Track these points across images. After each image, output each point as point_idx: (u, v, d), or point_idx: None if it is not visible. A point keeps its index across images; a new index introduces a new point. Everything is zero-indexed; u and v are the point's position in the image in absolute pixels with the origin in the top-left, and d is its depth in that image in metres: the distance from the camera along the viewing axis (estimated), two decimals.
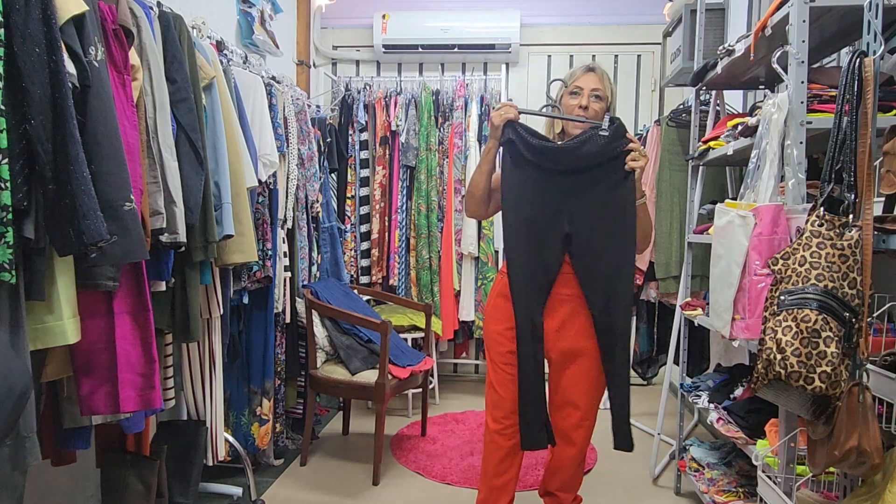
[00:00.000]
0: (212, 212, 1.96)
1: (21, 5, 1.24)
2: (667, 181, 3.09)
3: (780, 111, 1.69)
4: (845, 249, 1.39)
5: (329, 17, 4.37)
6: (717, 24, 2.99)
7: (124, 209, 1.46)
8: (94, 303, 1.56)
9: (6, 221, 1.23)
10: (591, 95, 1.96)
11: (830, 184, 1.45)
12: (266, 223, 2.57)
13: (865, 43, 1.48)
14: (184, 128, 1.83)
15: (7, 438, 1.28)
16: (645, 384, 4.18)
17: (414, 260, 3.99)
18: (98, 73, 1.44)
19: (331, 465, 2.91)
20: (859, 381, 1.37)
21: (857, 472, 1.44)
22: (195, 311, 1.98)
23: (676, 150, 3.09)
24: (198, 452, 2.22)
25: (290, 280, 2.86)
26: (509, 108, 1.91)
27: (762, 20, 1.85)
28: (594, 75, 1.98)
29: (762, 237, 1.66)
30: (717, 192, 2.88)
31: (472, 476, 2.77)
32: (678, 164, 3.05)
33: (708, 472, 2.39)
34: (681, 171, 2.99)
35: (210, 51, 2.16)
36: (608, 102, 1.99)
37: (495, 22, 4.14)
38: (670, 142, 3.10)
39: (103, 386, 1.57)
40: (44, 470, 1.98)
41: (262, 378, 2.70)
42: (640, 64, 4.34)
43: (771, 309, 1.46)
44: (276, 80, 2.78)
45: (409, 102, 3.96)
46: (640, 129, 3.98)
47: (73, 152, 1.31)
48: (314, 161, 3.06)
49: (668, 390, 2.96)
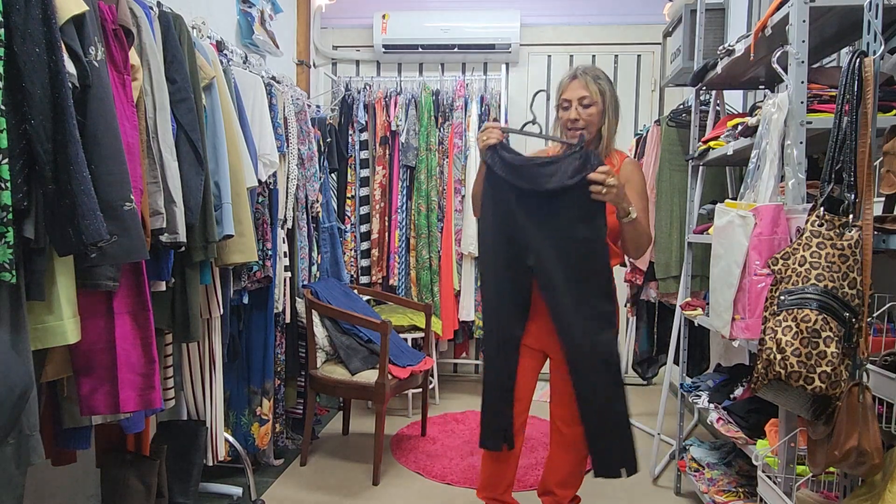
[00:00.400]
0: (212, 212, 1.96)
1: (21, 5, 1.24)
2: (667, 181, 3.09)
3: (780, 111, 1.69)
4: (845, 249, 1.39)
5: (329, 17, 4.37)
6: (717, 24, 2.99)
7: (124, 209, 1.46)
8: (94, 303, 1.56)
9: (6, 221, 1.23)
10: (578, 105, 1.94)
11: (830, 184, 1.45)
12: (266, 223, 2.57)
13: (865, 43, 1.48)
14: (184, 128, 1.83)
15: (9, 437, 1.28)
16: (645, 384, 4.18)
17: (414, 260, 3.99)
18: (98, 73, 1.44)
19: (331, 465, 2.91)
20: (859, 381, 1.37)
21: (857, 472, 1.44)
22: (195, 311, 1.98)
23: (676, 150, 3.09)
24: (198, 452, 2.22)
25: (290, 280, 2.86)
26: (492, 132, 1.91)
27: (762, 20, 1.85)
28: (578, 82, 1.95)
29: (762, 237, 1.66)
30: (717, 192, 2.88)
31: (472, 476, 2.77)
32: (678, 164, 3.05)
33: (708, 472, 2.39)
34: (681, 171, 2.99)
35: (210, 51, 2.16)
36: (602, 105, 1.95)
37: (495, 22, 4.14)
38: (670, 142, 3.10)
39: (103, 386, 1.57)
40: (44, 470, 1.98)
41: (262, 378, 2.70)
42: (640, 64, 4.34)
43: (771, 309, 1.46)
44: (276, 80, 2.78)
45: (409, 102, 3.96)
46: (640, 129, 3.98)
47: (73, 152, 1.31)
48: (314, 161, 3.06)
49: (668, 390, 2.96)
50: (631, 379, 3.96)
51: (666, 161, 3.14)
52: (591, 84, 1.94)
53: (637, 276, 3.28)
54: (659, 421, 2.86)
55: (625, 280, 3.43)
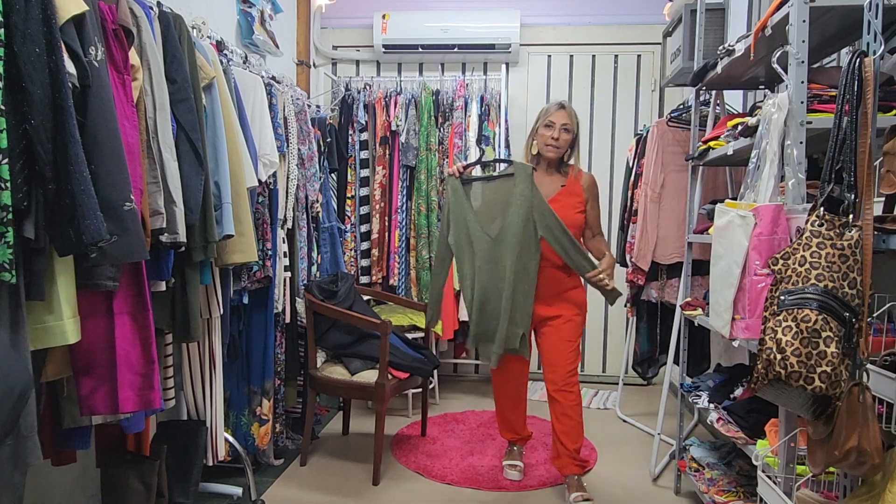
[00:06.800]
0: (212, 212, 1.96)
1: (21, 5, 1.24)
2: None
3: (780, 111, 1.69)
4: (845, 249, 1.39)
5: (329, 17, 4.37)
6: (717, 24, 2.98)
7: (124, 209, 1.46)
8: (94, 303, 1.56)
9: (6, 221, 1.23)
10: (561, 128, 2.53)
11: (830, 184, 1.45)
12: (266, 223, 2.57)
13: (865, 43, 1.48)
14: (184, 128, 1.83)
15: (8, 438, 1.28)
16: (645, 384, 4.18)
17: (414, 260, 3.99)
18: (98, 73, 1.44)
19: (331, 465, 2.91)
20: (859, 381, 1.37)
21: (857, 472, 1.44)
22: (195, 311, 1.98)
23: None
24: (198, 452, 2.22)
25: (290, 280, 2.86)
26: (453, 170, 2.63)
27: (762, 20, 1.85)
28: (564, 112, 2.54)
29: (762, 237, 1.66)
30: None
31: (472, 476, 2.77)
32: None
33: (708, 472, 2.39)
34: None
35: (210, 51, 2.16)
36: (574, 134, 2.58)
37: (495, 22, 4.14)
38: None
39: (103, 386, 1.57)
40: (44, 470, 1.99)
41: (262, 378, 2.70)
42: (640, 64, 4.33)
43: (771, 309, 1.46)
44: (276, 80, 2.78)
45: (409, 102, 3.96)
46: (640, 128, 3.98)
47: (73, 152, 1.31)
48: (314, 161, 3.06)
49: (669, 390, 2.96)
50: (631, 379, 3.96)
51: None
52: (573, 116, 2.56)
53: (638, 276, 3.28)
54: (659, 421, 2.86)
55: (626, 280, 3.43)
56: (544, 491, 2.65)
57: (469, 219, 2.58)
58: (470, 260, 2.59)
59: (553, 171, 2.63)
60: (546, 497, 2.61)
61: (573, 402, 2.51)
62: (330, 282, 3.05)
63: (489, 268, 2.53)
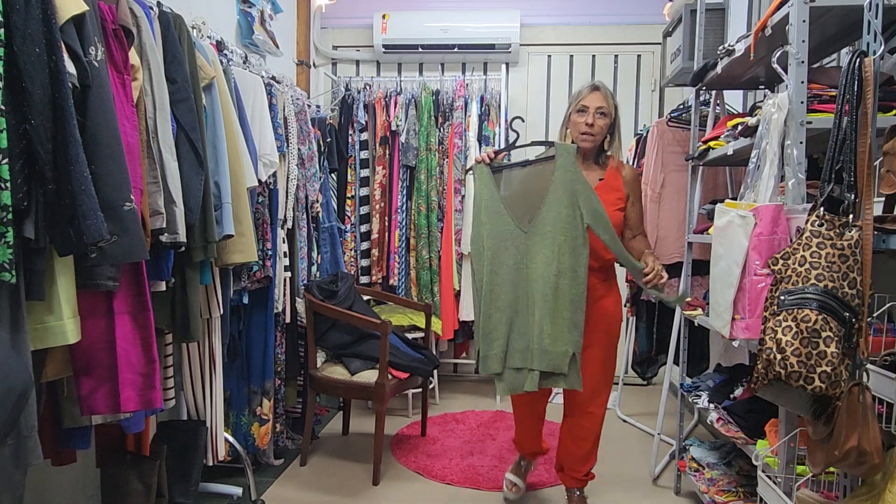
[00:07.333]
0: (212, 212, 1.96)
1: (21, 5, 1.24)
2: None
3: (780, 111, 1.69)
4: (845, 249, 1.39)
5: (329, 17, 4.37)
6: (717, 24, 2.98)
7: (124, 209, 1.46)
8: (94, 303, 1.56)
9: (6, 221, 1.23)
10: (596, 113, 2.17)
11: (830, 184, 1.45)
12: (266, 223, 2.57)
13: (865, 43, 1.48)
14: (184, 128, 1.83)
15: (8, 438, 1.28)
16: (645, 384, 4.18)
17: (414, 260, 3.99)
18: (98, 73, 1.44)
19: (331, 465, 2.91)
20: (859, 381, 1.37)
21: (857, 472, 1.44)
22: (195, 311, 1.98)
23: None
24: (198, 452, 2.22)
25: (290, 280, 2.86)
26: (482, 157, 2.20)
27: (762, 20, 1.85)
28: (599, 94, 2.18)
29: (762, 237, 1.66)
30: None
31: (472, 476, 2.77)
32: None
33: (708, 472, 2.39)
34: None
35: (210, 51, 2.16)
36: (612, 118, 2.20)
37: (495, 22, 4.14)
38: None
39: (103, 386, 1.57)
40: (44, 470, 1.98)
41: (262, 378, 2.70)
42: (640, 64, 4.33)
43: (771, 309, 1.46)
44: (276, 80, 2.78)
45: (409, 102, 3.96)
46: (640, 128, 3.98)
47: (73, 152, 1.31)
48: (314, 161, 3.06)
49: (668, 390, 2.96)
50: (631, 379, 3.96)
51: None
52: (609, 98, 2.20)
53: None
54: (659, 421, 2.86)
55: (626, 280, 3.43)
56: (544, 491, 2.65)
57: (500, 211, 2.12)
58: (497, 260, 2.11)
59: (590, 162, 2.26)
60: (546, 497, 2.61)
61: (593, 425, 2.27)
62: (330, 282, 3.05)
63: (522, 270, 2.08)
